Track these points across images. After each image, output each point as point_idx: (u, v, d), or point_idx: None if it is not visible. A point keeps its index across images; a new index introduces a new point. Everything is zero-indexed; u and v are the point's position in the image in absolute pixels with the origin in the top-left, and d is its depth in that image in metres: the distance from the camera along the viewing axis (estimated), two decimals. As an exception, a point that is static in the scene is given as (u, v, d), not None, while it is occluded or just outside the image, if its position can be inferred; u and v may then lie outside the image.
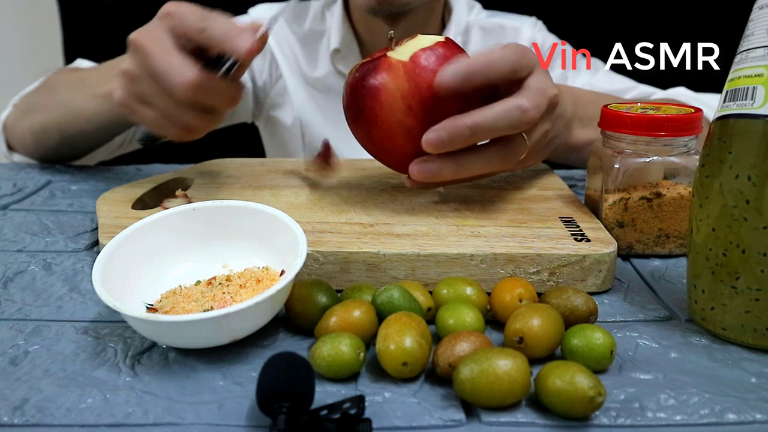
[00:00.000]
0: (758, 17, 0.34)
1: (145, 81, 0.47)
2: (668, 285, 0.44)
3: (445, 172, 0.45)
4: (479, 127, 0.43)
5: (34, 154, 0.75)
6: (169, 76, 0.45)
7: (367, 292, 0.38)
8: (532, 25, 0.91)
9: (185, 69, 0.45)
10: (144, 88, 0.48)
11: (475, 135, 0.43)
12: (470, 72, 0.43)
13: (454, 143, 0.44)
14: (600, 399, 0.29)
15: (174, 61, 0.45)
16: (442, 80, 0.43)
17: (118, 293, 0.36)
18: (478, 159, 0.46)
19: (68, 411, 0.30)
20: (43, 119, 0.70)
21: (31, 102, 0.74)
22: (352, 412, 0.28)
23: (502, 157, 0.46)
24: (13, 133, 0.76)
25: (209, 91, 0.46)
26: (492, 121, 0.43)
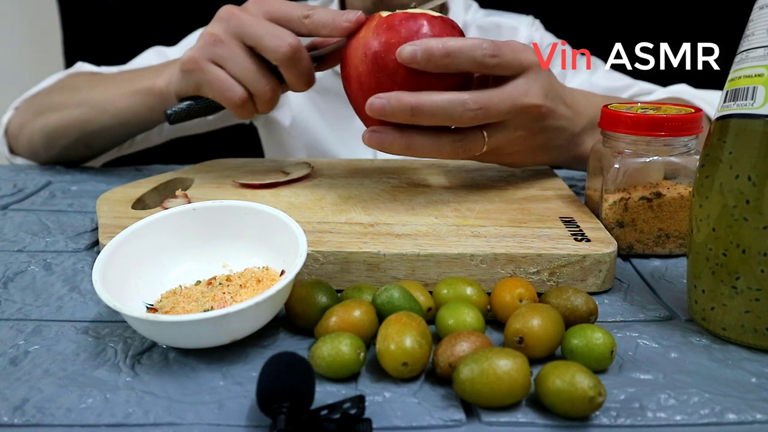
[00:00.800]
0: (758, 17, 0.34)
1: (229, 44, 0.51)
2: (668, 285, 0.44)
3: (394, 147, 0.47)
4: (420, 109, 0.44)
5: (42, 155, 0.75)
6: (275, 36, 0.49)
7: (367, 292, 0.38)
8: (530, 24, 0.91)
9: (287, 34, 0.50)
10: (224, 50, 0.51)
11: (415, 116, 0.45)
12: (429, 52, 0.44)
13: (393, 116, 0.45)
14: (600, 399, 0.29)
15: (275, 27, 0.50)
16: (401, 52, 0.44)
17: (118, 293, 0.36)
18: (428, 142, 0.47)
19: (68, 411, 0.30)
20: (60, 117, 0.70)
21: (45, 103, 0.73)
22: (352, 412, 0.28)
23: (454, 148, 0.48)
24: (18, 135, 0.76)
25: (300, 61, 0.50)
26: (432, 107, 0.44)
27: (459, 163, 0.64)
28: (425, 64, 0.44)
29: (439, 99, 0.44)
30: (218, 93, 0.52)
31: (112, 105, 0.66)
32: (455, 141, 0.47)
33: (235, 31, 0.51)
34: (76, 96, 0.70)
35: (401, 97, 0.44)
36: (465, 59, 0.45)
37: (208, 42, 0.52)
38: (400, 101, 0.44)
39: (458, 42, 0.44)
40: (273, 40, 0.49)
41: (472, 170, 0.61)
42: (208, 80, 0.52)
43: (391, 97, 0.45)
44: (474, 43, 0.45)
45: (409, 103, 0.44)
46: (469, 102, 0.45)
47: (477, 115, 0.45)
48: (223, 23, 0.51)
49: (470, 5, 0.92)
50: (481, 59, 0.45)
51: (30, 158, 0.76)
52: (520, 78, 0.48)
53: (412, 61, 0.44)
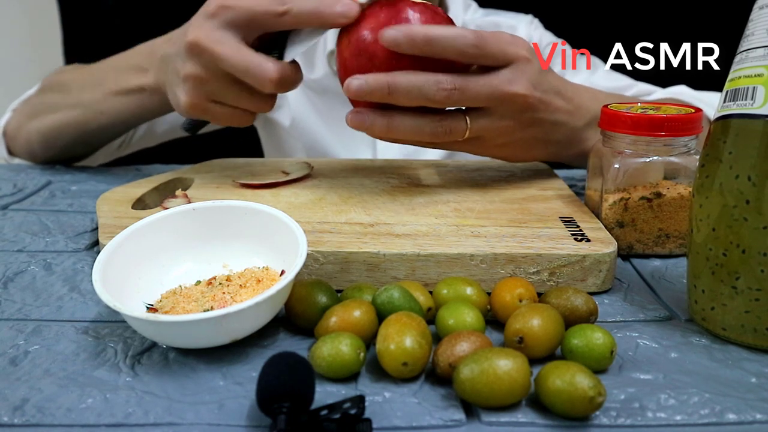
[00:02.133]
0: (758, 17, 0.34)
1: (214, 81, 0.50)
2: (668, 285, 0.44)
3: (375, 127, 0.48)
4: (396, 86, 0.45)
5: (40, 156, 0.75)
6: (254, 74, 0.48)
7: (367, 292, 0.38)
8: (528, 23, 0.91)
9: (267, 64, 0.48)
10: (214, 88, 0.51)
11: (392, 94, 0.45)
12: (411, 37, 0.44)
13: (371, 94, 0.46)
14: (600, 399, 0.29)
15: (252, 58, 0.48)
16: (384, 36, 0.45)
17: (118, 293, 0.36)
18: (409, 124, 0.47)
19: (68, 411, 0.30)
20: (56, 119, 0.70)
21: (39, 104, 0.73)
22: (352, 412, 0.28)
23: (433, 130, 0.48)
24: (15, 137, 0.76)
25: (286, 84, 0.49)
26: (409, 86, 0.45)
27: (459, 163, 0.64)
28: (406, 49, 0.45)
29: (414, 77, 0.45)
30: (228, 123, 0.54)
31: (106, 106, 0.66)
32: (434, 121, 0.48)
33: (212, 65, 0.49)
34: (69, 97, 0.70)
35: (378, 76, 0.45)
36: (447, 47, 0.45)
37: (195, 84, 0.51)
38: (377, 80, 0.45)
39: (441, 30, 0.45)
40: (254, 78, 0.48)
41: (472, 170, 0.61)
42: (215, 118, 0.53)
43: (369, 77, 0.45)
44: (457, 33, 0.45)
45: (385, 81, 0.45)
46: (443, 81, 0.45)
47: (451, 95, 0.46)
48: (197, 60, 0.50)
49: (469, 5, 0.92)
50: (463, 48, 0.45)
51: (28, 159, 0.76)
52: (505, 68, 0.48)
53: (394, 44, 0.44)
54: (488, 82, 0.47)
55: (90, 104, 0.67)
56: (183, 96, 0.52)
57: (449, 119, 0.48)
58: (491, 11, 0.92)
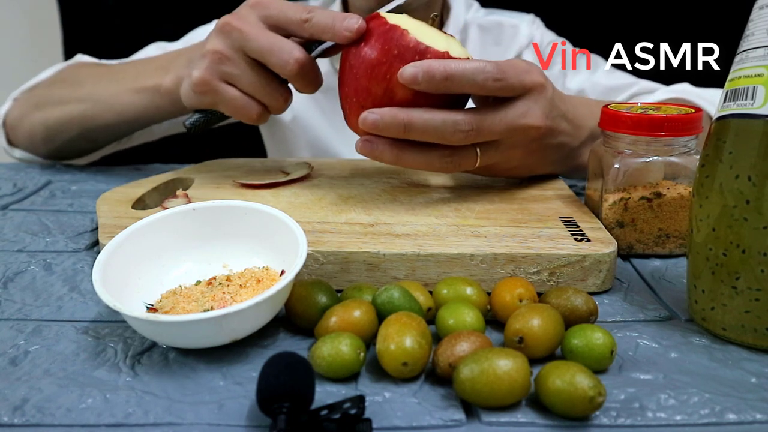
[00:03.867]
0: (758, 17, 0.34)
1: (235, 61, 0.50)
2: (668, 285, 0.44)
3: (385, 157, 0.47)
4: (413, 126, 0.45)
5: (41, 149, 0.74)
6: (280, 52, 0.48)
7: (367, 292, 0.38)
8: (530, 22, 0.91)
9: (293, 47, 0.48)
10: (232, 68, 0.50)
11: (407, 132, 0.45)
12: (430, 74, 0.44)
13: (386, 131, 0.45)
14: (600, 399, 0.29)
15: (279, 40, 0.49)
16: (403, 74, 0.44)
17: (118, 293, 0.36)
18: (418, 156, 0.47)
19: (68, 411, 0.30)
20: (63, 112, 0.69)
21: (45, 95, 0.73)
22: (352, 412, 0.28)
23: (443, 163, 0.48)
24: (17, 127, 0.75)
25: (308, 73, 0.49)
26: (425, 126, 0.45)
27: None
28: (426, 86, 0.44)
29: (430, 117, 0.45)
30: (235, 111, 0.52)
31: (117, 102, 0.66)
32: (445, 156, 0.47)
33: (239, 45, 0.50)
34: (79, 90, 0.69)
35: (395, 113, 0.45)
36: (466, 82, 0.44)
37: (214, 60, 0.51)
38: (394, 118, 0.45)
39: (460, 65, 0.44)
40: (280, 56, 0.48)
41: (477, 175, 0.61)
42: (223, 101, 0.52)
43: (385, 113, 0.45)
44: (476, 67, 0.45)
45: (402, 120, 0.45)
46: (461, 123, 0.45)
47: (468, 136, 0.46)
48: (225, 38, 0.50)
49: (471, 4, 0.92)
50: (483, 83, 0.45)
51: (29, 151, 0.75)
52: (521, 99, 0.48)
53: (413, 82, 0.44)
54: (504, 118, 0.47)
55: (100, 99, 0.67)
56: (197, 71, 0.51)
57: (460, 153, 0.48)
58: (493, 10, 0.92)
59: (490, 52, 0.89)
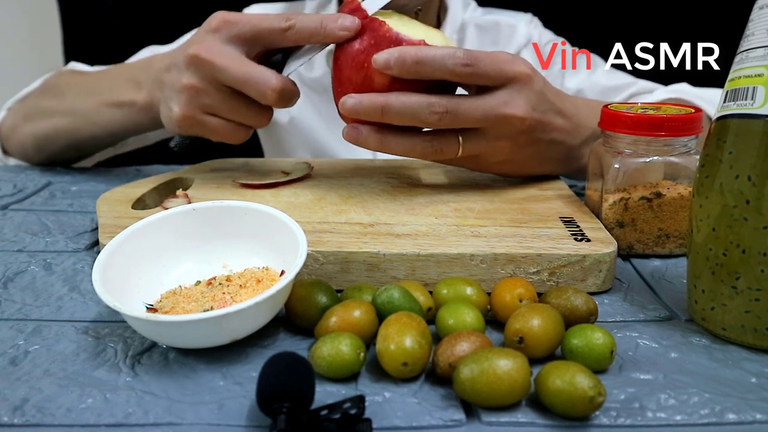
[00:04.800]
0: (758, 17, 0.34)
1: (211, 92, 0.50)
2: (668, 285, 0.44)
3: (369, 143, 0.48)
4: (389, 108, 0.46)
5: (33, 158, 0.75)
6: (257, 84, 0.48)
7: (367, 292, 0.38)
8: (528, 21, 0.90)
9: (269, 75, 0.48)
10: (210, 101, 0.50)
11: (385, 115, 0.46)
12: (402, 59, 0.45)
13: (365, 114, 0.46)
14: (600, 399, 0.29)
15: (251, 69, 0.48)
16: (376, 60, 0.45)
17: (118, 293, 0.36)
18: (401, 141, 0.48)
19: (68, 411, 0.30)
20: (49, 125, 0.69)
21: (33, 106, 0.73)
22: (352, 412, 0.28)
23: (425, 148, 0.49)
24: (10, 137, 0.75)
25: (287, 98, 0.49)
26: (401, 107, 0.46)
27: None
28: (398, 71, 0.45)
29: (406, 99, 0.46)
30: (222, 138, 0.53)
31: (97, 117, 0.66)
32: (426, 141, 0.48)
33: (211, 77, 0.49)
34: (63, 103, 0.69)
35: (372, 97, 0.46)
36: (437, 67, 0.45)
37: (191, 95, 0.50)
38: (371, 101, 0.46)
39: (431, 50, 0.45)
40: (257, 88, 0.48)
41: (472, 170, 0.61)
42: (208, 131, 0.52)
43: (363, 97, 0.46)
44: (447, 52, 0.45)
45: (379, 103, 0.46)
46: (435, 105, 0.46)
47: (443, 118, 0.46)
48: (196, 71, 0.49)
49: (468, 3, 0.92)
50: (453, 68, 0.45)
51: (22, 160, 0.76)
52: (503, 89, 0.48)
53: (386, 67, 0.45)
54: (482, 104, 0.47)
55: (82, 113, 0.67)
56: (177, 108, 0.51)
57: (440, 139, 0.49)
58: (490, 10, 0.92)
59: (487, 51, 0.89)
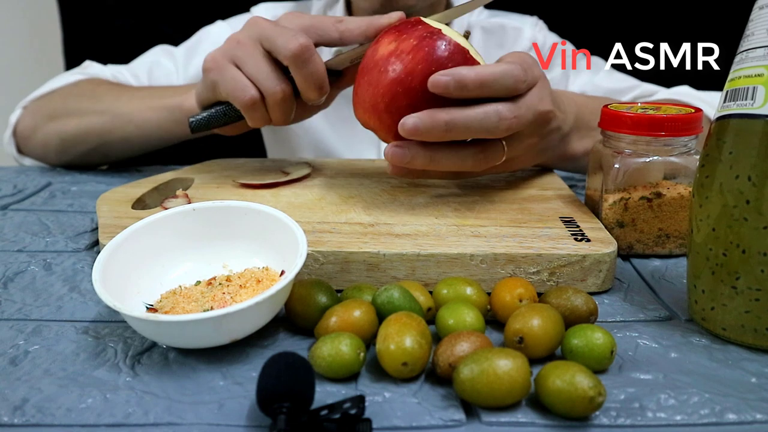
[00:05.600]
0: (758, 17, 0.34)
1: (248, 47, 0.52)
2: (668, 285, 0.44)
3: (417, 161, 0.46)
4: (455, 125, 0.44)
5: (54, 160, 0.74)
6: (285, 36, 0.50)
7: (367, 292, 0.38)
8: (533, 24, 0.91)
9: (300, 34, 0.50)
10: (242, 53, 0.52)
11: (450, 131, 0.44)
12: (463, 83, 0.43)
13: (429, 134, 0.44)
14: (600, 399, 0.29)
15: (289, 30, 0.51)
16: (433, 82, 0.44)
17: (118, 293, 0.36)
18: (451, 156, 0.47)
19: (68, 411, 0.30)
20: (80, 124, 0.70)
21: (61, 106, 0.73)
22: (352, 412, 0.28)
23: (476, 160, 0.48)
24: (29, 137, 0.75)
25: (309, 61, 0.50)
26: (468, 121, 0.44)
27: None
28: (458, 94, 0.44)
29: (472, 112, 0.44)
30: (231, 92, 0.52)
31: (138, 117, 0.67)
32: (477, 153, 0.47)
33: (257, 35, 0.52)
34: (98, 104, 0.70)
35: (434, 114, 0.44)
36: (500, 87, 0.44)
37: (230, 45, 0.53)
38: (434, 118, 0.44)
39: (490, 70, 0.44)
40: (284, 39, 0.50)
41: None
42: (223, 78, 0.52)
43: (423, 115, 0.44)
44: (505, 70, 0.44)
45: (443, 120, 0.44)
46: (504, 111, 0.45)
47: (512, 124, 0.45)
48: (247, 29, 0.53)
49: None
50: (514, 85, 0.45)
51: (40, 161, 0.76)
52: (534, 89, 0.48)
53: (444, 91, 0.44)
54: (530, 105, 0.47)
55: (120, 113, 0.68)
56: (213, 52, 0.54)
57: (490, 148, 0.48)
58: (496, 12, 0.92)
59: (493, 54, 0.89)
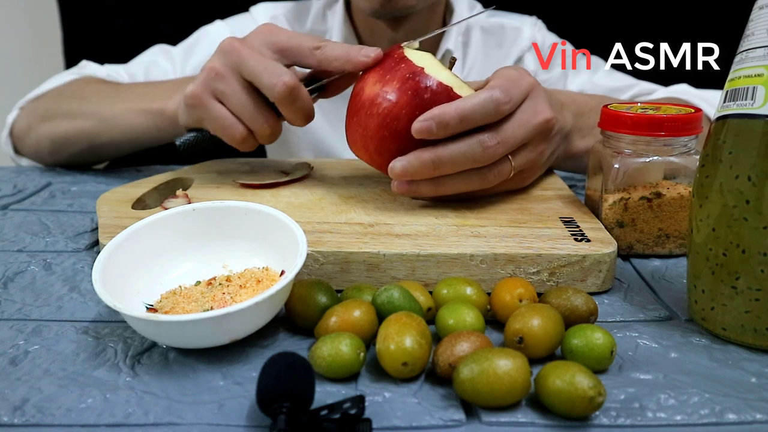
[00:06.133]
0: (758, 17, 0.34)
1: (229, 79, 0.51)
2: (668, 285, 0.44)
3: (423, 191, 0.48)
4: (441, 162, 0.46)
5: (48, 160, 0.75)
6: (269, 74, 0.49)
7: (367, 292, 0.38)
8: (532, 24, 0.91)
9: (284, 72, 0.49)
10: (225, 86, 0.51)
11: (438, 168, 0.46)
12: (444, 123, 0.44)
13: (419, 174, 0.46)
14: (600, 399, 0.29)
15: (272, 63, 0.49)
16: (416, 129, 0.45)
17: (118, 293, 0.36)
18: (456, 180, 0.48)
19: (68, 411, 0.30)
20: (69, 127, 0.70)
21: (53, 108, 0.73)
22: (352, 412, 0.28)
23: (482, 178, 0.48)
24: (24, 138, 0.75)
25: (297, 100, 0.50)
26: (454, 156, 0.45)
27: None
28: (443, 134, 0.45)
29: (456, 147, 0.45)
30: (220, 130, 0.52)
31: (123, 121, 0.66)
32: (482, 172, 0.48)
33: (235, 65, 0.50)
34: (86, 106, 0.70)
35: (419, 155, 0.45)
36: (482, 117, 0.45)
37: (209, 76, 0.51)
38: (420, 160, 0.45)
39: (469, 103, 0.44)
40: (270, 78, 0.49)
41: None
42: (209, 116, 0.52)
43: (410, 158, 0.46)
44: (485, 98, 0.45)
45: (429, 159, 0.45)
46: (486, 140, 0.45)
47: (497, 150, 0.46)
48: (223, 57, 0.51)
49: (474, 6, 0.92)
50: (496, 110, 0.45)
51: (35, 161, 0.76)
52: (525, 102, 0.48)
53: (428, 135, 0.45)
54: (521, 122, 0.47)
55: (106, 116, 0.67)
56: (191, 86, 0.52)
57: (494, 165, 0.48)
58: (495, 12, 0.93)
59: (492, 54, 0.89)
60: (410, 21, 0.81)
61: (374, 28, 0.84)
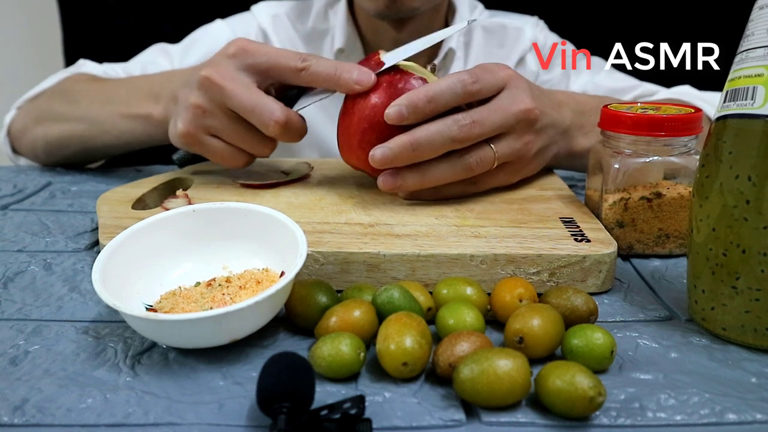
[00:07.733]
0: (758, 17, 0.34)
1: (217, 115, 0.50)
2: (668, 285, 0.44)
3: (409, 182, 0.48)
4: (419, 142, 0.46)
5: (44, 160, 0.75)
6: (261, 114, 0.48)
7: (367, 292, 0.38)
8: (534, 24, 0.91)
9: (275, 107, 0.49)
10: (215, 122, 0.51)
11: (417, 150, 0.46)
12: (413, 105, 0.46)
13: (398, 159, 0.47)
14: (600, 399, 0.29)
15: (259, 99, 0.49)
16: (389, 116, 0.46)
17: (118, 294, 0.36)
18: (440, 167, 0.48)
19: (68, 411, 0.30)
20: (62, 130, 0.69)
21: (46, 110, 0.73)
22: (352, 412, 0.28)
23: (465, 164, 0.49)
24: (21, 138, 0.75)
25: (289, 129, 0.50)
26: (430, 135, 0.46)
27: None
28: (414, 117, 0.46)
29: (431, 127, 0.46)
30: (221, 161, 0.53)
31: (113, 126, 0.66)
32: (462, 157, 0.48)
33: (219, 101, 0.50)
34: (77, 109, 0.69)
35: (397, 138, 0.46)
36: (450, 96, 0.46)
37: (196, 114, 0.51)
38: (398, 143, 0.46)
39: (437, 84, 0.46)
40: (260, 118, 0.49)
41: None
42: (208, 151, 0.53)
43: (389, 143, 0.47)
44: (453, 79, 0.46)
45: (407, 141, 0.46)
46: (460, 118, 0.47)
47: (473, 129, 0.47)
48: (205, 93, 0.50)
49: (475, 6, 0.92)
50: (463, 90, 0.46)
51: (32, 161, 0.77)
52: (502, 92, 0.49)
53: (401, 120, 0.46)
54: (498, 107, 0.48)
55: (97, 121, 0.67)
56: (181, 124, 0.52)
57: (475, 150, 0.49)
58: (497, 12, 0.93)
59: (493, 54, 0.89)
60: (414, 21, 0.81)
61: (378, 28, 0.84)
